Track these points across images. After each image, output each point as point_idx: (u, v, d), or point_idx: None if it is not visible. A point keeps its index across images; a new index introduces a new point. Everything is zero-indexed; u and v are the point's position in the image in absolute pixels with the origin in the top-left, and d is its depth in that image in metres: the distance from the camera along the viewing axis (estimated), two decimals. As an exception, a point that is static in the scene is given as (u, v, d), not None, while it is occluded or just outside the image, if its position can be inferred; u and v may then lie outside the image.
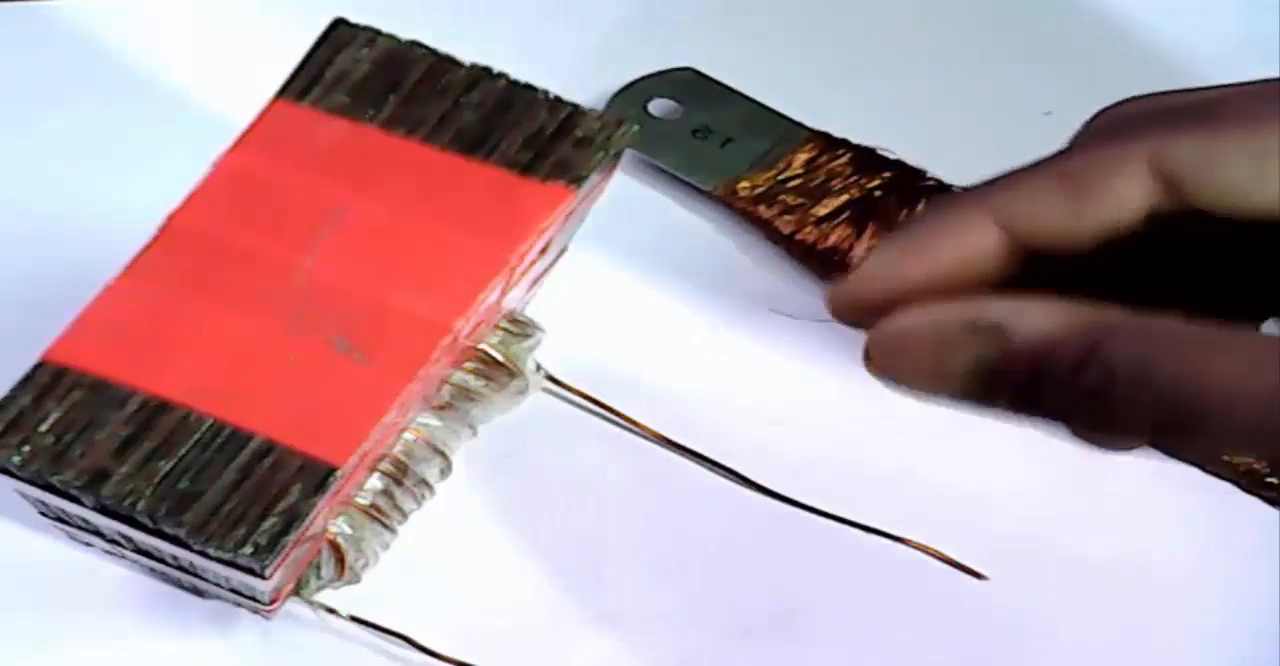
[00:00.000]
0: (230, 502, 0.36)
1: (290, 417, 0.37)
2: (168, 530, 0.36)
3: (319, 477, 0.36)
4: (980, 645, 0.43)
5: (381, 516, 0.40)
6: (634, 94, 0.53)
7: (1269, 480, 0.45)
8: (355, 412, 0.37)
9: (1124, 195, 0.29)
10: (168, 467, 0.36)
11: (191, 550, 0.36)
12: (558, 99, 0.41)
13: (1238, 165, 0.28)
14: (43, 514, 0.40)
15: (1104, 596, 0.44)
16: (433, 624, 0.41)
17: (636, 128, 0.41)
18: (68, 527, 0.41)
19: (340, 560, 0.40)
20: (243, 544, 0.36)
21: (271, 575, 0.36)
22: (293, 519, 0.36)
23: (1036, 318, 0.28)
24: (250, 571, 0.36)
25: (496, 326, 0.42)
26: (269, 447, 0.37)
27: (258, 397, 0.37)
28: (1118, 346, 0.27)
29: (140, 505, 0.36)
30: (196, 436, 0.37)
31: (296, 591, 0.40)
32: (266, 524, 0.36)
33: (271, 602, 0.39)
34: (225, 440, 0.37)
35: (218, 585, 0.39)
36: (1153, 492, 0.45)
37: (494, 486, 0.45)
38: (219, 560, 0.36)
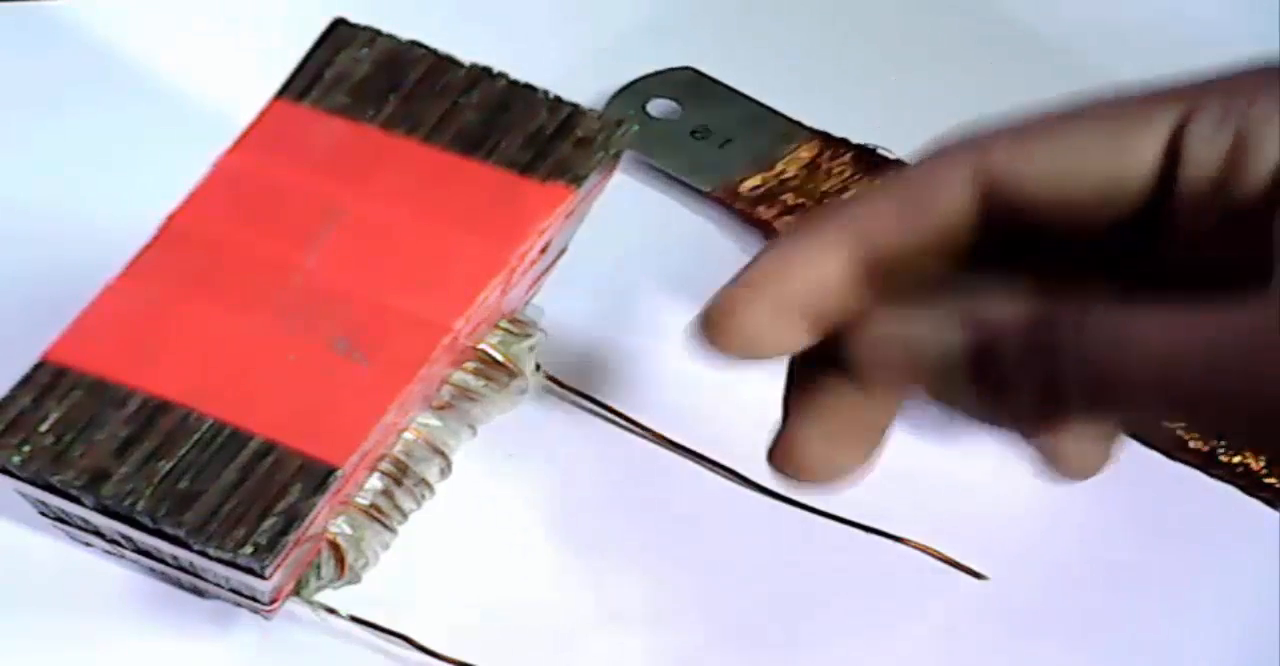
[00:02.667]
0: (230, 502, 0.36)
1: (290, 417, 0.37)
2: (168, 530, 0.36)
3: (319, 477, 0.36)
4: (980, 645, 0.43)
5: (381, 516, 0.40)
6: (634, 94, 0.53)
7: (1267, 481, 0.45)
8: (355, 412, 0.37)
9: (951, 201, 0.32)
10: (168, 467, 0.36)
11: (191, 550, 0.36)
12: (558, 99, 0.41)
13: (1046, 160, 0.32)
14: (43, 514, 0.40)
15: (1103, 596, 0.44)
16: (433, 624, 0.41)
17: (636, 128, 0.41)
18: (68, 527, 0.41)
19: (340, 560, 0.40)
20: (243, 544, 0.36)
21: (271, 575, 0.36)
22: (293, 519, 0.36)
23: (1000, 305, 0.31)
24: (250, 571, 0.36)
25: (496, 326, 0.42)
26: (269, 447, 0.37)
27: (258, 397, 0.37)
28: (1063, 319, 0.29)
29: (140, 505, 0.36)
30: (196, 436, 0.37)
31: (296, 591, 0.40)
32: (266, 524, 0.36)
33: (271, 602, 0.39)
34: (225, 440, 0.37)
35: (218, 585, 0.39)
36: (1152, 493, 0.45)
37: (494, 486, 0.45)
38: (219, 560, 0.36)
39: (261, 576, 0.36)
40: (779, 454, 0.34)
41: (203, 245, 0.39)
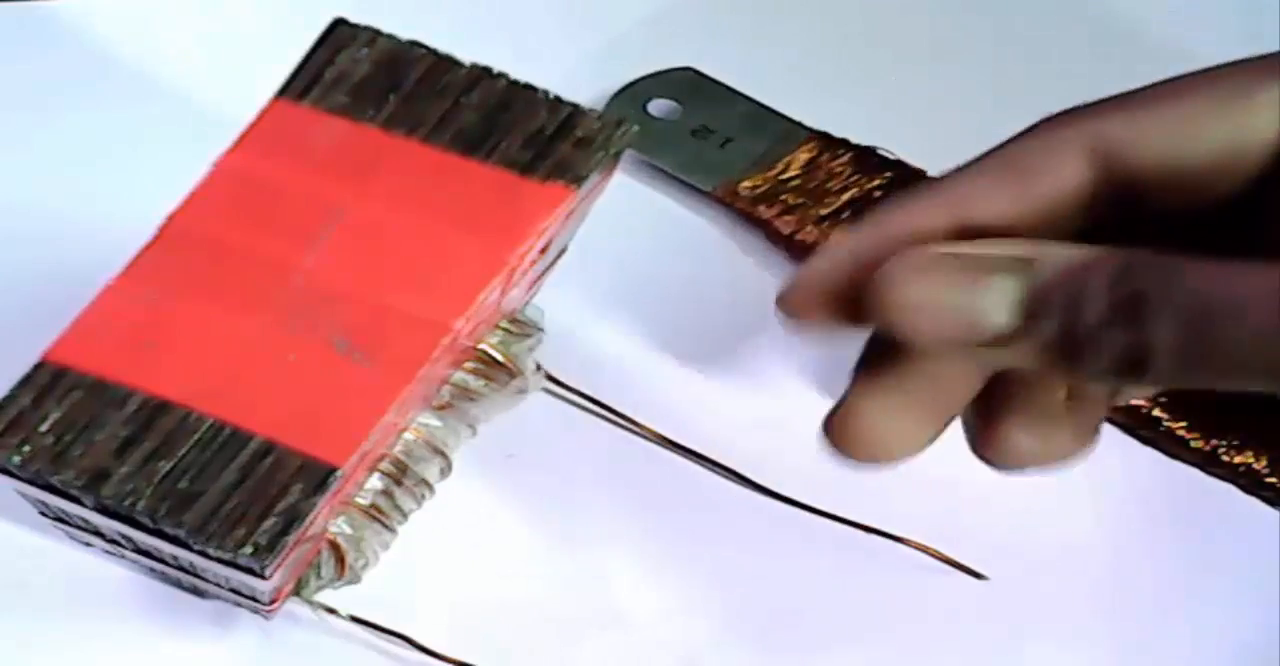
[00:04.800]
0: (230, 502, 0.36)
1: (290, 417, 0.37)
2: (168, 530, 0.36)
3: (319, 477, 0.36)
4: (980, 645, 0.43)
5: (381, 516, 0.40)
6: (634, 94, 0.53)
7: (1268, 480, 0.45)
8: (355, 412, 0.37)
9: (1063, 175, 0.30)
10: (168, 467, 0.36)
11: (191, 550, 0.36)
12: (558, 99, 0.41)
13: (1164, 128, 0.30)
14: (43, 514, 0.40)
15: (1103, 596, 0.44)
16: (433, 624, 0.41)
17: (636, 127, 0.41)
18: (68, 527, 0.41)
19: (340, 560, 0.40)
20: (243, 544, 0.36)
21: (271, 575, 0.36)
22: (293, 519, 0.36)
23: (1064, 251, 0.29)
24: (250, 571, 0.36)
25: (496, 326, 0.42)
26: (269, 447, 0.37)
27: (258, 397, 0.37)
28: (1149, 267, 0.27)
29: (140, 505, 0.36)
30: (196, 436, 0.37)
31: (296, 591, 0.40)
32: (266, 524, 0.36)
33: (271, 602, 0.39)
34: (225, 440, 0.37)
35: (218, 585, 0.39)
36: (1153, 493, 0.45)
37: (494, 486, 0.45)
38: (219, 560, 0.36)
39: (261, 576, 0.36)
40: (835, 425, 0.32)
41: (203, 245, 0.39)
